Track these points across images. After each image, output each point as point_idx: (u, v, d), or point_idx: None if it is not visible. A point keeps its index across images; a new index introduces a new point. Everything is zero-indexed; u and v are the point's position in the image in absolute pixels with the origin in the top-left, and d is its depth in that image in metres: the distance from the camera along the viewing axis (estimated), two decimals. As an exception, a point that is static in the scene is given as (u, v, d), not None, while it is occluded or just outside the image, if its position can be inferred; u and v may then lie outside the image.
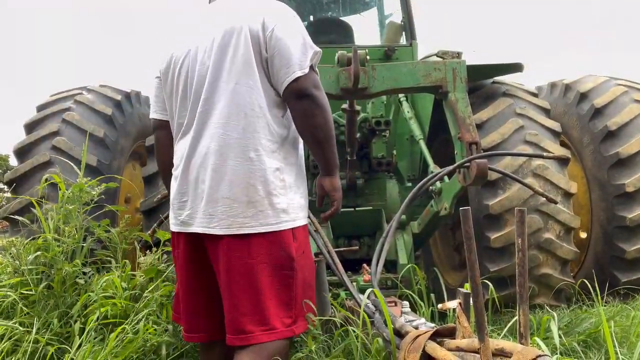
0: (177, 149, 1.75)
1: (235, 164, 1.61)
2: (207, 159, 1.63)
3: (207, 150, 1.64)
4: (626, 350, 2.13)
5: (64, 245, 2.41)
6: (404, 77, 2.62)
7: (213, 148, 1.63)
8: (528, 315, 1.19)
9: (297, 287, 1.67)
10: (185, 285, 1.78)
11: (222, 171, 1.61)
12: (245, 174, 1.60)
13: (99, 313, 2.15)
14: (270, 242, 1.62)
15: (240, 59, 1.62)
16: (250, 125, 1.62)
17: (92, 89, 3.77)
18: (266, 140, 1.63)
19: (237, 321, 1.61)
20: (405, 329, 1.64)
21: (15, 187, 3.15)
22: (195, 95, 1.67)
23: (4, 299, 2.29)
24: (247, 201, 1.60)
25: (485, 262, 3.02)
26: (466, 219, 1.15)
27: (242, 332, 1.60)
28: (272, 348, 1.60)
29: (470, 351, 1.29)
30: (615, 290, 3.26)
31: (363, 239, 3.61)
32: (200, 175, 1.65)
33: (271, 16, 1.63)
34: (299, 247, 1.69)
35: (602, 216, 3.41)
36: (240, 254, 1.60)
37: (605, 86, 3.56)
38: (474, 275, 1.15)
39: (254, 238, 1.61)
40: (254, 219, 1.60)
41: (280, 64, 1.61)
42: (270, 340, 1.59)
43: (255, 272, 1.60)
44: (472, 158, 2.42)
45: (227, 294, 1.63)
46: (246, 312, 1.60)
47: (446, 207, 2.89)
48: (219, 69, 1.64)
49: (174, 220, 1.75)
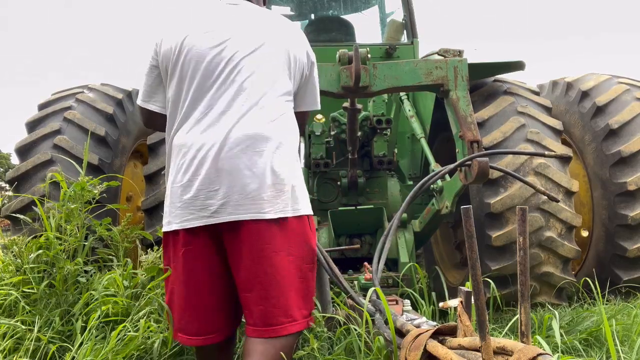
0: (200, 138, 1.69)
1: (266, 153, 1.70)
2: (239, 147, 1.67)
3: (240, 139, 1.68)
4: (627, 349, 2.13)
5: (66, 243, 2.41)
6: (405, 75, 2.62)
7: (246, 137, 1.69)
8: (529, 313, 1.19)
9: (313, 280, 1.78)
10: (201, 284, 1.73)
11: (254, 160, 1.67)
12: (275, 163, 1.70)
13: (101, 311, 2.15)
14: (297, 234, 1.71)
15: (281, 71, 1.80)
16: (278, 123, 1.75)
17: (94, 87, 3.77)
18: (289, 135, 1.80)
19: (269, 313, 1.64)
20: (406, 327, 1.64)
21: (16, 186, 3.16)
22: (237, 87, 1.71)
23: (6, 297, 2.30)
24: (279, 189, 1.69)
25: (487, 261, 3.01)
26: (467, 217, 1.15)
27: (272, 324, 1.63)
28: (292, 339, 1.66)
29: (472, 349, 1.29)
30: (616, 289, 3.26)
31: (364, 237, 3.61)
32: (234, 164, 1.66)
33: (311, 52, 1.94)
34: (315, 240, 1.80)
35: (603, 214, 3.40)
36: (270, 245, 1.66)
37: (607, 84, 3.55)
38: (476, 273, 1.15)
39: (281, 225, 1.67)
40: (286, 204, 1.69)
41: (312, 94, 1.97)
42: (294, 332, 1.66)
43: (283, 263, 1.66)
44: (473, 156, 2.42)
45: (256, 285, 1.65)
46: (277, 304, 1.64)
47: (447, 206, 2.89)
48: (260, 70, 1.75)
49: (198, 214, 1.67)
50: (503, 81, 3.53)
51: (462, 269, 3.94)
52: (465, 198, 3.13)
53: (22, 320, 2.19)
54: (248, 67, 1.73)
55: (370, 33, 5.57)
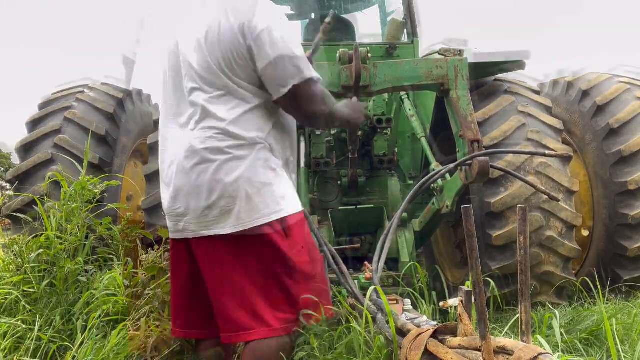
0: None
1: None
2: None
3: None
4: (628, 348, 2.13)
5: (66, 243, 2.42)
6: (406, 74, 2.61)
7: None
8: (530, 313, 1.19)
9: (297, 283, 1.71)
10: (184, 286, 1.85)
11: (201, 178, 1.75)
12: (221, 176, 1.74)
13: (101, 311, 2.15)
14: (260, 244, 1.67)
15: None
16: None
17: (94, 86, 3.77)
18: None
19: (236, 320, 1.66)
20: (407, 327, 1.64)
21: (17, 185, 3.16)
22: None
23: (6, 296, 2.30)
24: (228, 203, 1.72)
25: (487, 260, 3.01)
26: (468, 216, 1.15)
27: (239, 330, 1.66)
28: (269, 344, 1.65)
29: (472, 349, 1.29)
30: (617, 288, 3.26)
31: (365, 237, 3.61)
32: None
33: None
34: (292, 243, 1.72)
35: (604, 214, 3.40)
36: (228, 257, 1.68)
37: (608, 83, 3.55)
38: (476, 272, 1.15)
39: (238, 238, 1.67)
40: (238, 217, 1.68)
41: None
42: (267, 337, 1.65)
43: (243, 274, 1.68)
44: (473, 156, 2.42)
45: (220, 296, 1.69)
46: (243, 311, 1.66)
47: (448, 205, 2.89)
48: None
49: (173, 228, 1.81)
50: (503, 80, 3.53)
51: (463, 269, 3.94)
52: (465, 197, 3.13)
53: (22, 320, 2.19)
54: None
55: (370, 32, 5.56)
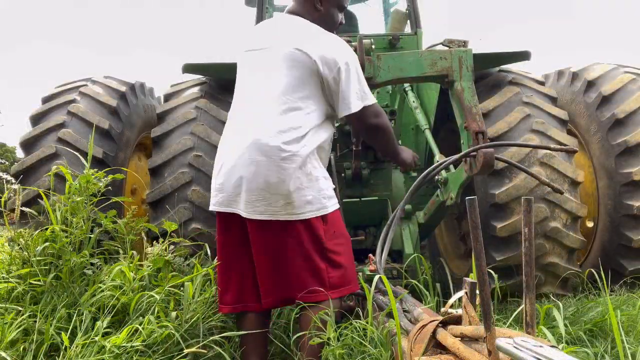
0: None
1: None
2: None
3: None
4: (632, 339, 2.13)
5: (72, 236, 2.43)
6: (410, 66, 2.59)
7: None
8: (534, 304, 1.19)
9: (333, 257, 2.13)
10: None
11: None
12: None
13: (107, 303, 2.16)
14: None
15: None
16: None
17: (97, 80, 3.77)
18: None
19: (304, 283, 2.07)
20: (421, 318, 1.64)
21: (22, 179, 3.17)
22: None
23: (12, 289, 2.32)
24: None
25: (492, 252, 3.01)
26: (472, 208, 1.15)
27: (311, 291, 2.03)
28: (336, 304, 2.07)
29: (474, 338, 1.29)
30: (622, 280, 3.25)
31: (369, 229, 3.61)
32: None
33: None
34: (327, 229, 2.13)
35: (609, 205, 3.39)
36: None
37: (613, 74, 3.52)
38: (480, 264, 1.15)
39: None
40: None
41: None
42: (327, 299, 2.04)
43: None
44: (478, 147, 2.41)
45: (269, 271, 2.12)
46: (309, 276, 2.09)
47: (452, 197, 2.88)
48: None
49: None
50: (508, 71, 3.51)
51: (467, 260, 3.94)
52: (469, 189, 3.13)
53: (28, 312, 2.21)
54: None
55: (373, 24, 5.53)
